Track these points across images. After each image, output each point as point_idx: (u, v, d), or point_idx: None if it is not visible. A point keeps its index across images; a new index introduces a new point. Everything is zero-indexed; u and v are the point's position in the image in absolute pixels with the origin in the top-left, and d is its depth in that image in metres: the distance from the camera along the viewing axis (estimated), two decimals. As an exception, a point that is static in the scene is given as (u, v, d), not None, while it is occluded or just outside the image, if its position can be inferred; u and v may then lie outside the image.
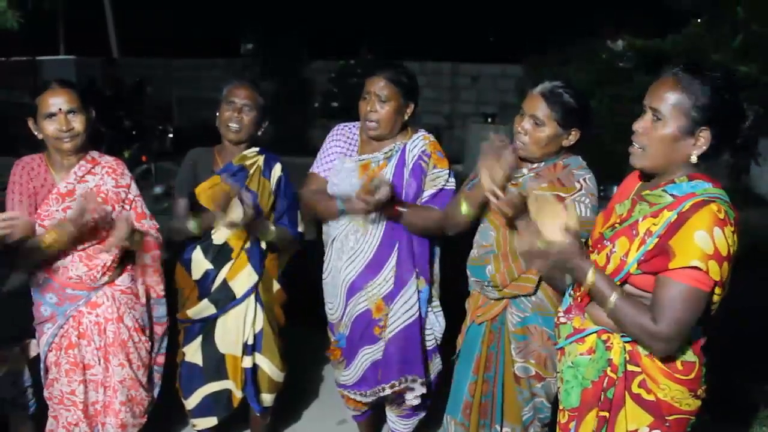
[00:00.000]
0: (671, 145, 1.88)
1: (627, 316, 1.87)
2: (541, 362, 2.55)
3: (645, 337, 1.87)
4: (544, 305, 2.53)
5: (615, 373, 1.95)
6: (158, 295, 2.95)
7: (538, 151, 2.50)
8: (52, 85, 2.63)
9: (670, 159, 1.90)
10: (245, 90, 2.96)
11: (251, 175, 2.96)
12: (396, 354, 2.86)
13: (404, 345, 2.86)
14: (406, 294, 2.84)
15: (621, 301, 1.88)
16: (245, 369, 3.02)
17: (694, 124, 1.85)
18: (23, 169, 2.67)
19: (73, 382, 2.72)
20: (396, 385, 2.87)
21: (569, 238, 1.93)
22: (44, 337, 2.72)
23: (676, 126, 1.86)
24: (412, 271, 2.85)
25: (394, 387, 2.88)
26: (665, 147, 1.89)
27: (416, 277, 2.86)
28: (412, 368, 2.87)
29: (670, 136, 1.88)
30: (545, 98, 2.46)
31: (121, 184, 2.80)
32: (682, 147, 1.88)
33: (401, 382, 2.87)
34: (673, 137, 1.87)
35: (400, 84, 2.82)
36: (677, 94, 1.86)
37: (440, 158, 2.90)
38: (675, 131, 1.87)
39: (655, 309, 1.84)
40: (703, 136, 1.85)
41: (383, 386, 2.89)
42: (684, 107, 1.85)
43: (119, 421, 2.81)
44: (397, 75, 2.83)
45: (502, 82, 11.35)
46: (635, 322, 1.86)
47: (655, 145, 1.91)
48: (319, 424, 3.61)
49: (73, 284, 2.68)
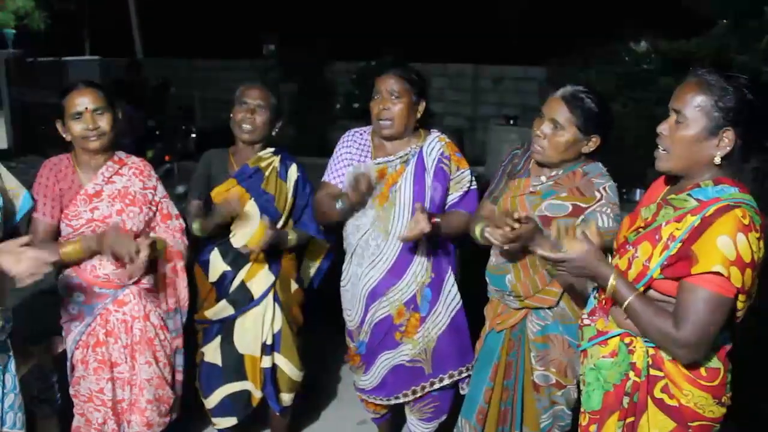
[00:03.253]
0: (694, 146, 1.87)
1: (646, 319, 1.86)
2: (562, 370, 2.53)
3: (667, 343, 1.85)
4: (566, 314, 2.51)
5: (638, 377, 1.94)
6: (169, 308, 2.92)
7: (556, 156, 2.46)
8: (78, 85, 2.66)
9: (694, 160, 1.89)
10: (258, 90, 2.97)
11: (267, 176, 2.97)
12: (451, 344, 2.89)
13: (456, 335, 2.90)
14: (444, 291, 2.88)
15: (639, 303, 1.87)
16: (264, 369, 3.04)
17: (716, 124, 1.83)
18: (50, 171, 2.69)
19: (102, 380, 2.75)
20: (454, 375, 2.91)
21: (588, 246, 1.93)
22: (71, 335, 2.75)
23: (698, 127, 1.85)
24: (447, 269, 2.89)
25: (452, 377, 2.92)
26: (688, 148, 1.88)
27: (451, 272, 2.90)
28: (464, 359, 2.91)
29: (692, 137, 1.86)
30: (566, 102, 2.42)
31: (148, 186, 2.82)
32: (705, 148, 1.86)
33: (460, 373, 2.92)
34: (696, 138, 1.86)
35: (410, 80, 2.80)
36: (700, 95, 1.85)
37: (460, 159, 2.89)
38: (697, 132, 1.85)
39: (678, 314, 1.82)
40: (727, 136, 1.83)
41: (441, 377, 2.91)
42: (706, 108, 1.84)
43: (145, 419, 2.82)
44: (407, 72, 2.82)
45: (525, 84, 11.27)
46: (656, 327, 1.85)
47: (678, 147, 1.89)
48: (339, 424, 3.62)
49: (100, 283, 2.70)
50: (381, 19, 14.51)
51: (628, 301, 1.89)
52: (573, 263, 1.98)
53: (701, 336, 1.80)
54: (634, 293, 1.89)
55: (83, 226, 2.65)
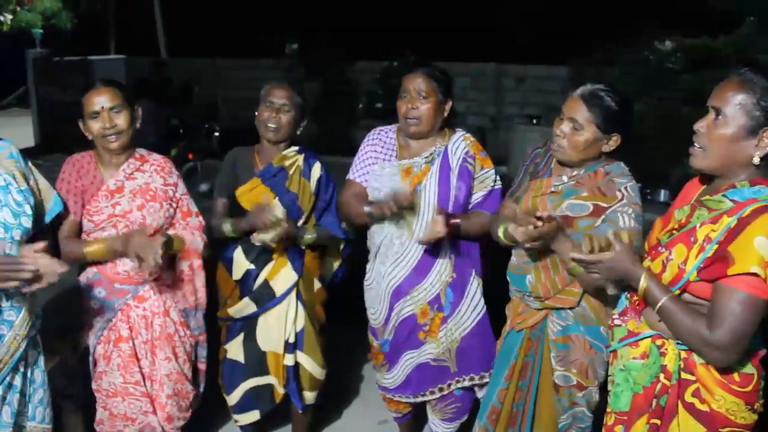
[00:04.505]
0: (732, 145, 1.85)
1: (679, 321, 1.84)
2: (583, 371, 2.51)
3: (700, 345, 1.83)
4: (587, 314, 2.49)
5: (668, 380, 1.91)
6: (190, 306, 2.92)
7: (576, 155, 2.44)
8: (96, 84, 2.68)
9: (731, 159, 1.86)
10: (283, 90, 2.97)
11: (291, 175, 2.98)
12: (476, 347, 2.90)
13: (481, 338, 2.90)
14: (470, 293, 2.88)
15: (672, 305, 1.85)
16: (287, 367, 3.05)
17: (756, 123, 1.81)
18: (73, 167, 2.72)
19: (135, 373, 2.77)
20: (475, 379, 2.92)
21: (619, 246, 1.92)
22: (93, 331, 2.77)
23: (738, 125, 1.83)
24: (471, 272, 2.88)
25: (474, 380, 2.92)
26: (726, 147, 1.85)
27: (475, 275, 2.90)
28: (487, 365, 2.90)
29: (731, 135, 1.84)
30: (585, 101, 2.39)
31: (169, 182, 2.83)
32: (744, 147, 1.84)
33: (482, 378, 2.92)
34: (735, 137, 1.83)
35: (437, 80, 2.80)
36: (741, 94, 1.82)
37: (485, 158, 2.88)
38: (737, 130, 1.83)
39: (712, 316, 1.80)
40: (767, 136, 1.81)
41: (463, 377, 2.92)
42: (747, 107, 1.81)
43: (165, 414, 2.84)
44: (434, 71, 2.82)
45: (548, 83, 11.21)
46: (689, 328, 1.83)
47: (715, 145, 1.87)
48: (360, 422, 3.62)
49: (121, 279, 2.73)
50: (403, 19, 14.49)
51: (661, 303, 1.86)
52: (604, 264, 1.97)
53: (736, 338, 1.78)
54: (666, 295, 1.86)
55: (104, 222, 2.68)
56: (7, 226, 2.20)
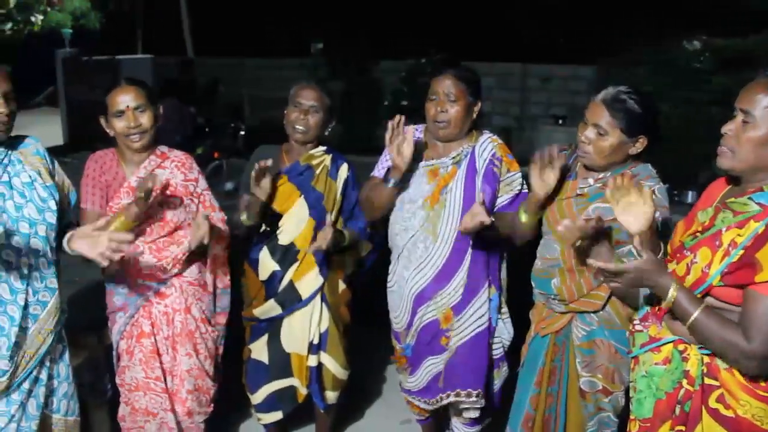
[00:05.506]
0: (761, 149, 1.81)
1: (712, 334, 1.81)
2: (609, 376, 2.48)
3: (735, 355, 1.79)
4: (612, 319, 2.46)
5: (691, 386, 1.88)
6: (225, 285, 2.99)
7: (602, 160, 2.40)
8: (121, 83, 2.71)
9: (760, 162, 1.83)
10: (312, 91, 2.96)
11: (317, 174, 2.98)
12: (463, 364, 2.82)
13: (472, 355, 2.82)
14: (476, 302, 2.80)
15: (705, 318, 1.81)
16: (310, 367, 3.05)
17: None
18: (96, 163, 2.75)
19: (156, 369, 2.80)
20: (461, 394, 2.84)
21: (647, 255, 1.89)
22: (116, 326, 2.81)
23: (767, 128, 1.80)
24: (484, 279, 2.81)
25: (459, 396, 2.84)
26: (755, 150, 1.82)
27: (488, 286, 2.82)
28: (477, 381, 2.83)
29: (761, 138, 1.81)
30: (608, 106, 2.35)
31: (189, 178, 2.86)
32: None
33: (468, 394, 2.83)
34: (765, 140, 1.80)
35: (467, 82, 2.75)
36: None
37: (512, 161, 2.84)
38: (766, 133, 1.80)
39: (746, 326, 1.76)
40: None
41: (448, 393, 2.85)
42: None
43: (186, 409, 2.88)
44: (464, 73, 2.77)
45: (574, 83, 11.13)
46: (724, 339, 1.79)
47: (744, 148, 1.83)
48: (383, 422, 3.63)
49: (143, 275, 2.76)
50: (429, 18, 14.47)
51: (694, 317, 1.82)
52: (630, 274, 1.92)
53: None
54: (698, 308, 1.82)
55: None
56: (31, 221, 2.24)
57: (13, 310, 2.20)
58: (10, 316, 2.19)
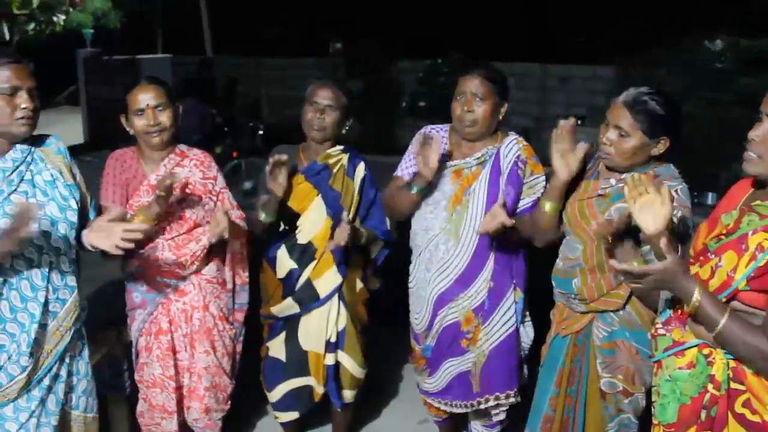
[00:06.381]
0: None
1: (738, 340, 1.77)
2: (629, 377, 2.45)
3: (757, 359, 1.76)
4: (633, 319, 2.44)
5: (717, 391, 1.85)
6: (243, 282, 3.00)
7: (624, 162, 2.38)
8: (141, 82, 2.73)
9: None
10: (328, 90, 2.95)
11: (335, 174, 2.98)
12: (498, 367, 2.81)
13: (505, 357, 2.81)
14: (504, 305, 2.78)
15: (731, 324, 1.78)
16: (327, 366, 3.05)
17: None
18: (116, 162, 2.77)
19: (170, 367, 2.82)
20: (500, 398, 2.83)
21: (671, 257, 1.87)
22: (135, 323, 2.83)
23: None
24: (509, 281, 2.79)
25: (498, 399, 2.83)
26: None
27: (513, 288, 2.81)
28: (513, 382, 2.83)
29: None
30: (629, 108, 2.33)
31: (208, 176, 2.87)
32: None
33: (507, 396, 2.83)
34: None
35: (495, 81, 2.73)
36: None
37: (536, 164, 2.81)
38: None
39: None
40: None
41: (486, 397, 2.84)
42: None
43: (203, 406, 2.90)
44: (492, 73, 2.75)
45: (593, 83, 11.07)
46: (751, 346, 1.76)
47: None
48: (400, 422, 3.62)
49: (162, 273, 2.77)
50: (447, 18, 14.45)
51: (721, 325, 1.79)
52: (653, 276, 1.88)
53: None
54: (723, 315, 1.79)
55: None
56: (53, 219, 2.26)
57: (34, 307, 2.22)
58: (30, 313, 2.21)
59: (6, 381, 2.20)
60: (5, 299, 2.18)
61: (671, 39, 8.49)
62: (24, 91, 2.18)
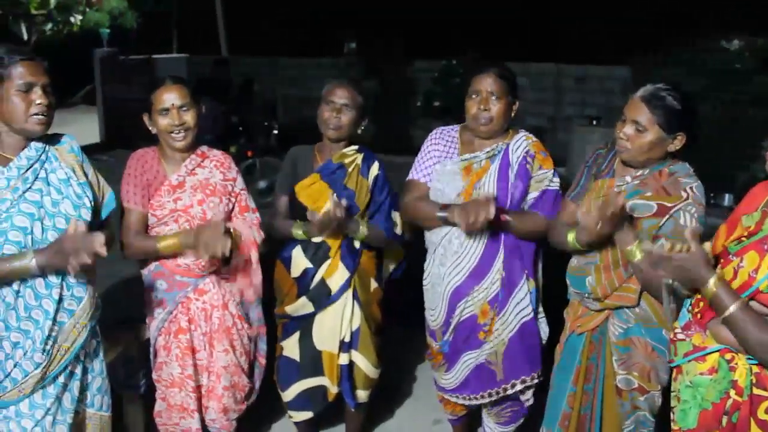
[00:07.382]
0: None
1: (748, 331, 1.76)
2: (645, 375, 2.45)
3: None
4: (648, 316, 2.43)
5: (739, 396, 1.83)
6: (249, 300, 2.97)
7: (640, 156, 2.40)
8: (166, 81, 2.74)
9: None
10: (344, 90, 2.96)
11: (349, 173, 2.98)
12: (520, 352, 2.85)
13: (525, 341, 2.85)
14: (518, 295, 2.82)
15: (741, 313, 1.77)
16: (341, 365, 3.05)
17: None
18: (137, 162, 2.78)
19: (189, 366, 2.83)
20: (526, 381, 2.87)
21: (694, 246, 1.86)
22: (155, 322, 2.84)
23: None
24: (521, 271, 2.82)
25: (525, 382, 2.87)
26: None
27: (526, 278, 2.83)
28: (535, 364, 2.87)
29: None
30: (647, 102, 2.36)
31: (228, 177, 2.88)
32: None
33: (532, 378, 2.88)
34: None
35: (508, 80, 2.78)
36: None
37: (545, 158, 2.83)
38: None
39: None
40: None
41: (513, 382, 2.87)
42: None
43: (221, 405, 2.90)
44: (505, 71, 2.80)
45: (608, 83, 11.02)
46: (758, 338, 1.75)
47: None
48: (414, 422, 3.61)
49: (181, 271, 2.78)
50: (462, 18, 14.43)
51: (730, 311, 1.79)
52: (676, 262, 1.90)
53: None
54: (735, 302, 1.78)
55: (166, 216, 2.74)
56: (68, 217, 2.27)
57: (48, 304, 2.23)
58: (45, 310, 2.22)
59: (21, 377, 2.21)
60: (21, 296, 2.20)
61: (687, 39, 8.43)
62: (39, 87, 2.19)
